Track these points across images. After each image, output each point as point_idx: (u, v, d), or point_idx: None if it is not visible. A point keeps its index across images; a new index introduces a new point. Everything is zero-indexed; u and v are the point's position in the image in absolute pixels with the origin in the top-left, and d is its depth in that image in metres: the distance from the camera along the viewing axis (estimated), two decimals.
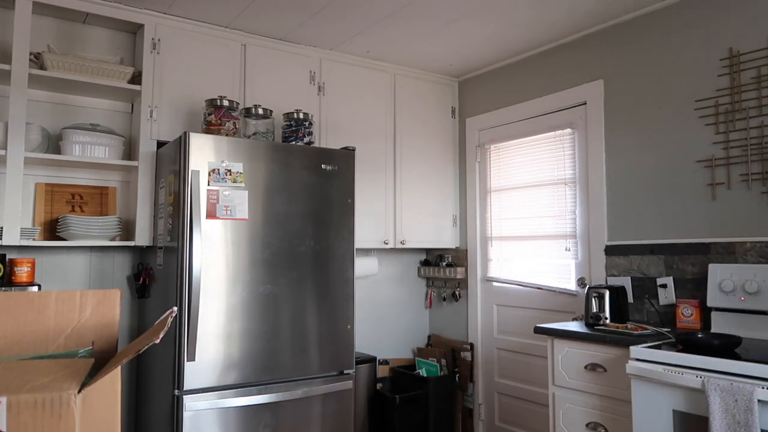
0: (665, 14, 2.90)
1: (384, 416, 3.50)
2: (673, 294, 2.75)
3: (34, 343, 0.94)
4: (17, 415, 0.74)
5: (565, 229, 3.35)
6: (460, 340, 3.92)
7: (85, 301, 0.98)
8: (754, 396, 1.85)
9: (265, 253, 2.70)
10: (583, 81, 3.27)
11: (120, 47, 3.14)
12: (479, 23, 3.17)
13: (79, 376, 0.80)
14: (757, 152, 2.53)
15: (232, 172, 2.63)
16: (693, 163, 2.75)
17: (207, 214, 2.56)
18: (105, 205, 3.04)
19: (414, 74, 3.90)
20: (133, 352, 0.81)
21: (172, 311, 0.88)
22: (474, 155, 3.95)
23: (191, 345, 2.47)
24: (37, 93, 2.91)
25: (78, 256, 2.99)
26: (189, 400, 2.46)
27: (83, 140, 2.81)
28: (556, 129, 3.42)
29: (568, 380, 2.58)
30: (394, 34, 3.32)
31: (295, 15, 3.07)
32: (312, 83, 3.47)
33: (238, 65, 3.23)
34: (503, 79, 3.80)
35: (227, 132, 2.82)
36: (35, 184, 2.89)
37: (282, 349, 2.71)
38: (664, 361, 2.14)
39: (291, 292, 2.76)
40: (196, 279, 2.47)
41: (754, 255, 2.51)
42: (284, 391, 2.69)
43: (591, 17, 3.10)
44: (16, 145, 2.59)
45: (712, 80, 2.69)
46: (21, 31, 2.63)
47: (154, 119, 2.96)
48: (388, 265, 4.07)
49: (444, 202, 3.97)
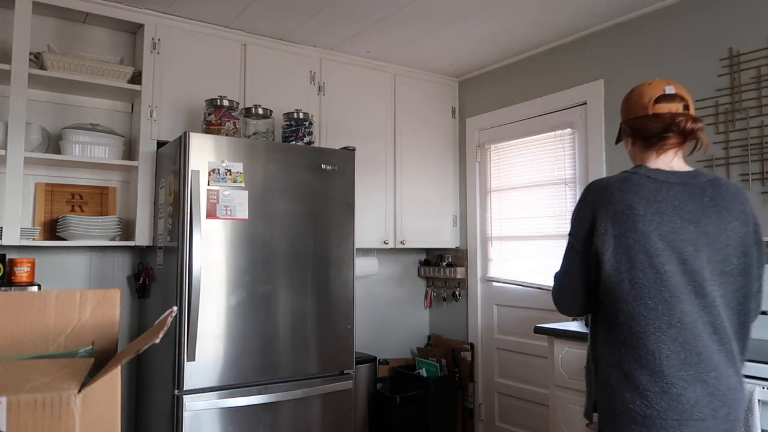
0: (665, 14, 2.91)
1: (384, 416, 3.50)
2: None
3: (34, 343, 0.94)
4: (17, 415, 0.73)
5: (565, 230, 3.35)
6: (460, 340, 3.92)
7: (85, 301, 0.98)
8: (753, 396, 1.85)
9: (265, 253, 2.70)
10: (583, 81, 3.27)
11: (120, 47, 3.14)
12: (479, 23, 3.17)
13: (79, 376, 0.80)
14: (757, 152, 2.53)
15: (232, 172, 2.63)
16: (693, 162, 2.75)
17: (207, 214, 2.56)
18: (105, 205, 3.04)
19: (414, 74, 3.90)
20: (133, 352, 0.81)
21: (172, 311, 0.88)
22: (474, 155, 3.95)
23: (191, 345, 2.47)
24: (37, 93, 2.91)
25: (78, 256, 2.99)
26: (189, 400, 2.46)
27: (83, 140, 2.81)
28: (556, 129, 3.42)
29: (568, 380, 2.58)
30: (394, 34, 3.32)
31: (295, 15, 3.07)
32: (312, 83, 3.47)
33: (238, 65, 3.23)
34: (503, 79, 3.80)
35: (227, 132, 2.82)
36: (35, 184, 2.89)
37: (282, 349, 2.71)
38: None
39: (291, 292, 2.76)
40: (196, 279, 2.47)
41: None
42: (284, 391, 2.69)
43: (591, 17, 3.10)
44: (16, 145, 2.59)
45: (712, 80, 2.69)
46: (21, 30, 2.63)
47: (154, 119, 2.96)
48: (388, 265, 4.07)
49: (444, 202, 3.97)
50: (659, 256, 1.42)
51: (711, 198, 1.48)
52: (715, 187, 1.50)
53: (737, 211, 1.49)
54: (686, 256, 1.43)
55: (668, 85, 1.56)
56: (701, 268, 1.43)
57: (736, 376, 1.42)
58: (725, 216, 1.47)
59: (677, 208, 1.46)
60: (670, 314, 1.40)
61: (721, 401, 1.38)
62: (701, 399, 1.37)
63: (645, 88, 1.58)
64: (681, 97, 1.56)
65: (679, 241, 1.43)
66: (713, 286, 1.43)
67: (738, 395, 1.41)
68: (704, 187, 1.50)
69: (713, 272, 1.44)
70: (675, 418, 1.37)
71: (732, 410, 1.39)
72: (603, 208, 1.48)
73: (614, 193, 1.48)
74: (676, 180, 1.50)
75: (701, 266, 1.43)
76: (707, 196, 1.48)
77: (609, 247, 1.46)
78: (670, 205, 1.46)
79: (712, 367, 1.39)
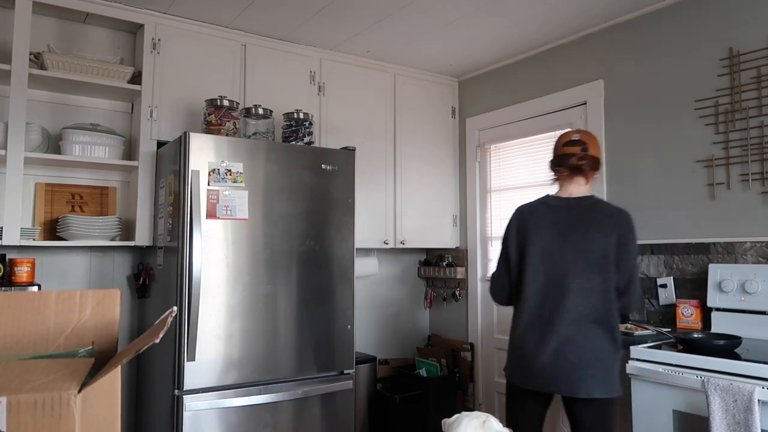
0: (665, 14, 2.90)
1: (384, 416, 3.50)
2: (673, 294, 2.75)
3: (34, 343, 0.94)
4: (17, 415, 0.74)
5: None
6: (460, 340, 3.92)
7: (85, 301, 0.98)
8: (753, 396, 1.85)
9: (265, 253, 2.70)
10: (583, 81, 3.27)
11: (120, 47, 3.14)
12: (479, 23, 3.17)
13: (79, 375, 0.80)
14: (757, 152, 2.53)
15: (232, 172, 2.63)
16: (693, 162, 2.75)
17: (207, 214, 2.56)
18: (105, 205, 3.04)
19: (414, 74, 3.90)
20: (133, 352, 0.81)
21: (172, 311, 0.88)
22: (474, 155, 3.95)
23: (191, 345, 2.47)
24: (37, 93, 2.91)
25: (78, 256, 2.99)
26: (189, 400, 2.46)
27: (83, 140, 2.81)
28: (556, 129, 3.42)
29: None
30: (394, 34, 3.32)
31: (295, 15, 3.07)
32: (312, 83, 3.47)
33: (238, 65, 3.23)
34: (503, 79, 3.80)
35: (227, 132, 2.82)
36: (35, 184, 2.89)
37: (282, 349, 2.71)
38: (664, 361, 2.14)
39: (291, 292, 2.76)
40: (196, 279, 2.47)
41: (754, 255, 2.51)
42: (284, 391, 2.69)
43: (591, 17, 3.10)
44: (16, 145, 2.59)
45: (712, 80, 2.69)
46: (21, 31, 2.63)
47: (154, 119, 2.96)
48: (388, 265, 4.07)
49: (444, 202, 3.97)
50: (537, 258, 2.08)
51: (582, 216, 2.06)
52: (592, 208, 2.07)
53: (603, 225, 2.02)
54: (555, 258, 2.05)
55: (577, 133, 2.17)
56: (565, 268, 2.03)
57: (583, 341, 1.98)
58: (590, 229, 2.03)
59: (556, 225, 2.09)
60: (540, 298, 2.07)
61: (560, 357, 1.99)
62: (548, 347, 2.02)
63: (563, 136, 2.20)
64: (582, 141, 2.15)
65: (552, 248, 2.07)
66: (574, 280, 2.00)
67: (580, 355, 1.97)
68: (583, 209, 2.08)
69: (574, 270, 2.02)
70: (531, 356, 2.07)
71: (567, 362, 1.98)
72: (515, 226, 2.18)
73: (522, 216, 2.18)
74: (564, 204, 2.12)
75: (564, 266, 2.03)
76: (584, 216, 2.06)
77: (514, 253, 2.17)
78: (551, 223, 2.10)
79: (559, 334, 2.00)
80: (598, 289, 2.00)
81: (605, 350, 1.98)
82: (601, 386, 1.96)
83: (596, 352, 1.97)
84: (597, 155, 2.14)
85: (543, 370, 2.01)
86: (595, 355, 1.97)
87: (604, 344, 1.98)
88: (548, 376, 2.00)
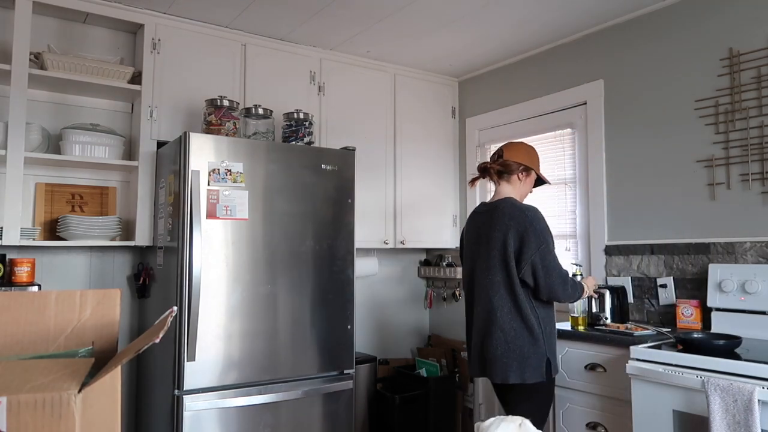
0: (665, 14, 2.91)
1: (384, 416, 3.50)
2: (673, 294, 2.75)
3: (34, 343, 0.94)
4: (17, 415, 0.73)
5: (565, 229, 3.35)
6: (460, 340, 3.92)
7: (85, 301, 0.98)
8: (753, 396, 1.85)
9: (265, 253, 2.70)
10: (583, 81, 3.27)
11: (120, 47, 3.14)
12: (479, 23, 3.17)
13: (79, 375, 0.80)
14: (757, 152, 2.53)
15: (232, 172, 2.63)
16: (693, 162, 2.75)
17: (207, 214, 2.56)
18: (105, 205, 3.04)
19: (414, 74, 3.90)
20: (133, 352, 0.81)
21: (172, 311, 0.88)
22: (474, 155, 3.95)
23: (191, 345, 2.47)
24: (37, 93, 2.91)
25: (78, 256, 2.99)
26: (189, 400, 2.46)
27: (83, 140, 2.81)
28: (556, 129, 3.42)
29: (568, 380, 2.58)
30: (394, 34, 3.32)
31: (295, 15, 3.07)
32: (312, 83, 3.47)
33: (238, 65, 3.23)
34: (503, 79, 3.80)
35: (227, 132, 2.82)
36: (35, 184, 2.89)
37: (282, 349, 2.71)
38: (664, 361, 2.14)
39: (291, 292, 2.76)
40: (196, 279, 2.47)
41: (754, 255, 2.51)
42: (284, 391, 2.69)
43: (591, 17, 3.10)
44: (16, 145, 2.59)
45: (712, 80, 2.69)
46: (21, 31, 2.63)
47: (154, 119, 2.96)
48: (388, 265, 4.07)
49: (444, 201, 3.97)
50: (466, 260, 2.43)
51: (492, 218, 2.29)
52: (501, 210, 2.27)
53: (503, 223, 2.24)
54: (475, 257, 2.36)
55: (503, 144, 2.46)
56: (476, 266, 2.34)
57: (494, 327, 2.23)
58: (494, 228, 2.27)
59: (476, 229, 2.37)
60: (472, 292, 2.39)
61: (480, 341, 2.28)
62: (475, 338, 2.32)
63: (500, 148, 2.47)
64: (500, 149, 2.43)
65: (471, 250, 2.39)
66: (485, 277, 2.27)
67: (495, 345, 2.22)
68: (494, 211, 2.30)
69: (482, 268, 2.30)
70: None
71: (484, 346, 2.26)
72: (465, 231, 2.49)
73: (467, 222, 2.48)
74: (485, 209, 2.38)
75: (475, 265, 2.34)
76: (492, 217, 2.29)
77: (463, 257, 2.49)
78: (474, 227, 2.40)
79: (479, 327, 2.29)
80: (505, 283, 2.23)
81: (520, 339, 2.19)
82: (516, 373, 2.17)
83: (510, 343, 2.19)
84: (512, 160, 2.36)
85: (475, 361, 2.31)
86: (509, 345, 2.19)
87: (519, 333, 2.19)
88: (476, 366, 2.31)
